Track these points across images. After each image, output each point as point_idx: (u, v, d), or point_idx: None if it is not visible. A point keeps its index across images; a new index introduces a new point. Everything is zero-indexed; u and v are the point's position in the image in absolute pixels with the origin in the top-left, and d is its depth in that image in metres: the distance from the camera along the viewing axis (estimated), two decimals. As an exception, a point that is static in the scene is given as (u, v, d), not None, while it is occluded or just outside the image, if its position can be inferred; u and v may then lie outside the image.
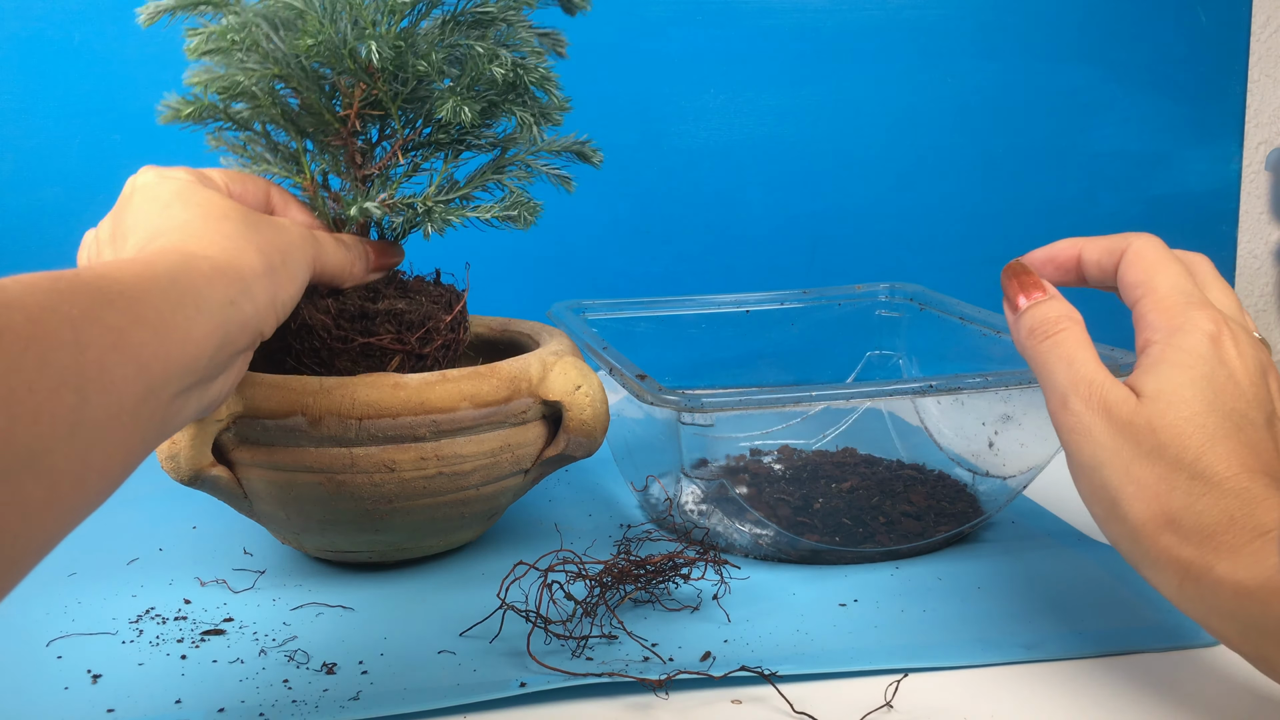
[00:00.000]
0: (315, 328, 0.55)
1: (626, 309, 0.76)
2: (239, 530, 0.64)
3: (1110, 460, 0.43)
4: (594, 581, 0.52)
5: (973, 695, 0.46)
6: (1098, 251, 0.50)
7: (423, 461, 0.53)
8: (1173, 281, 0.46)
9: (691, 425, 0.55)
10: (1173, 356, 0.44)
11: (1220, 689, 0.47)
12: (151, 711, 0.45)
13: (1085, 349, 0.46)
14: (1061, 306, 0.48)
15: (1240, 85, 1.03)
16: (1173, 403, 0.42)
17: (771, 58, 0.97)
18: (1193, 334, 0.44)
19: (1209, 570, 0.40)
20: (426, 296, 0.58)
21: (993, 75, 0.99)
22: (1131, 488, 0.42)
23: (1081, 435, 0.44)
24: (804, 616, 0.53)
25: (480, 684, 0.47)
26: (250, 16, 0.54)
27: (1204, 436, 0.42)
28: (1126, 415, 0.43)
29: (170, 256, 0.42)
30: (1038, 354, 0.47)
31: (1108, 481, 0.43)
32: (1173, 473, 0.42)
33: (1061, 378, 0.45)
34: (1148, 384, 0.44)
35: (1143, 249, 0.48)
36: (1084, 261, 0.50)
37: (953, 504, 0.63)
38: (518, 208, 0.58)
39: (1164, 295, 0.46)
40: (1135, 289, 0.47)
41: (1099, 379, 0.45)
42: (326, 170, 0.59)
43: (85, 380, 0.34)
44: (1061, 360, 0.46)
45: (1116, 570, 0.58)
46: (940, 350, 0.75)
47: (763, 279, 0.99)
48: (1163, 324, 0.45)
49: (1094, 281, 0.51)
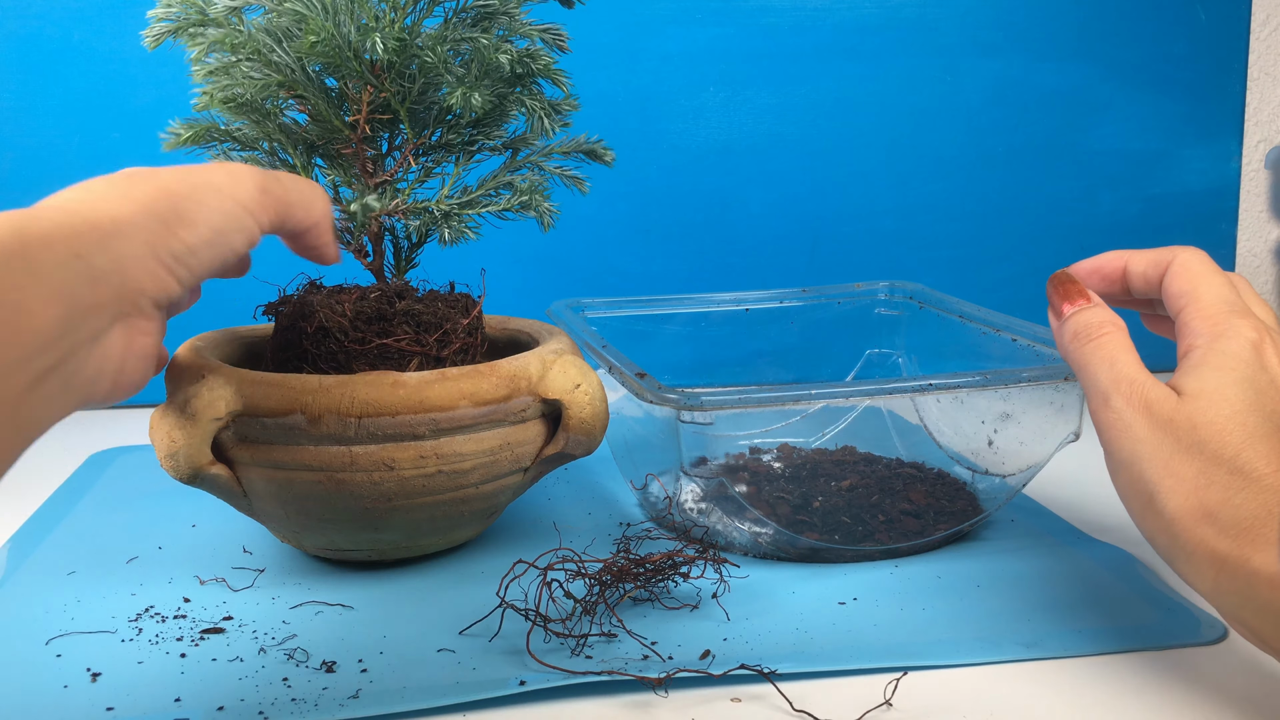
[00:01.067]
0: (332, 330, 0.55)
1: (626, 307, 0.76)
2: (238, 529, 0.64)
3: (1150, 455, 0.44)
4: (593, 580, 0.52)
5: (972, 693, 0.46)
6: (1144, 263, 0.51)
7: (422, 460, 0.53)
8: (1216, 292, 0.47)
9: (691, 423, 0.55)
10: (1214, 360, 0.45)
11: (1219, 686, 0.47)
12: (151, 710, 0.45)
13: (1127, 352, 0.47)
14: (1105, 313, 0.49)
15: (1240, 83, 1.03)
16: (1214, 401, 0.43)
17: (770, 56, 0.97)
18: (1235, 339, 0.45)
19: (1245, 563, 0.41)
20: (443, 302, 0.59)
21: (992, 74, 0.99)
22: (1170, 481, 0.43)
23: (1121, 431, 0.45)
24: (803, 615, 0.53)
25: (480, 682, 0.47)
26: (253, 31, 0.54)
27: (1244, 434, 0.42)
28: (1167, 412, 0.44)
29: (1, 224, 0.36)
30: (1080, 356, 0.48)
31: (1146, 475, 0.44)
32: (1212, 467, 0.42)
33: (1104, 377, 0.46)
34: (1189, 383, 0.44)
35: (1189, 261, 0.49)
36: (1130, 273, 0.51)
37: (952, 502, 0.63)
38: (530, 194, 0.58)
39: (1208, 304, 0.47)
40: (1180, 298, 0.48)
41: (1140, 378, 0.45)
42: (337, 183, 0.59)
43: None
44: (1104, 361, 0.47)
45: (1116, 568, 0.58)
46: (939, 349, 0.75)
47: (762, 277, 0.99)
48: (1206, 330, 0.46)
49: (1139, 293, 0.52)
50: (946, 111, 1.00)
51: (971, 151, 1.01)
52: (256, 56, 0.54)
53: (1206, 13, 1.01)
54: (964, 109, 1.00)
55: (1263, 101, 1.03)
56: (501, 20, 0.58)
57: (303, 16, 0.53)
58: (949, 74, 0.99)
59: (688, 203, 0.98)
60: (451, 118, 0.59)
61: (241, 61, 0.55)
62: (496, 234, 0.61)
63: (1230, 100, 1.03)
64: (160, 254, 0.40)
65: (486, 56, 0.55)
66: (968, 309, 0.71)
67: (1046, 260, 1.02)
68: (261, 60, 0.54)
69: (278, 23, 0.54)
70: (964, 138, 1.00)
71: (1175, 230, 1.04)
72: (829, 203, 1.00)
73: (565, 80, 0.59)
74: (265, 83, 0.55)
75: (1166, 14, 1.00)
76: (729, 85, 0.97)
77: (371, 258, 0.60)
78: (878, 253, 1.01)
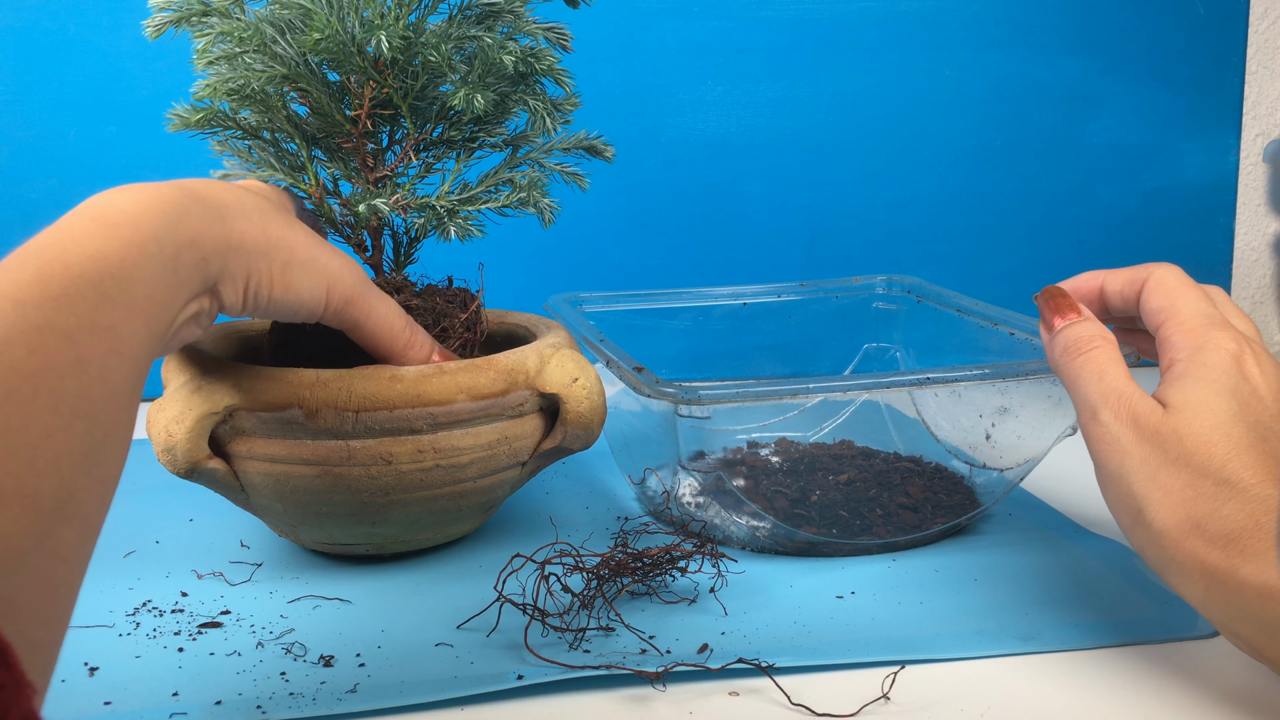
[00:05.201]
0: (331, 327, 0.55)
1: (624, 301, 0.76)
2: (236, 523, 0.64)
3: (1137, 468, 0.44)
4: (591, 574, 0.52)
5: (970, 687, 0.46)
6: (1120, 282, 0.51)
7: (419, 454, 0.53)
8: (1194, 306, 0.47)
9: (689, 418, 0.55)
10: (1197, 372, 0.45)
11: (1215, 680, 0.47)
12: (148, 704, 0.45)
13: (1116, 365, 0.47)
14: (1095, 327, 0.49)
15: (1238, 77, 1.03)
16: (1199, 412, 0.43)
17: (769, 49, 0.97)
18: (1216, 351, 0.45)
19: (1234, 574, 0.41)
20: (441, 297, 0.58)
21: (990, 67, 0.99)
22: (1158, 494, 0.43)
23: (1109, 445, 0.45)
24: (801, 608, 0.53)
25: (477, 676, 0.47)
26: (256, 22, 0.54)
27: (1230, 445, 0.42)
28: (1154, 424, 0.44)
29: (159, 211, 0.40)
30: (1070, 369, 0.48)
31: (1134, 488, 0.44)
32: (1198, 479, 0.42)
33: (1092, 391, 0.46)
34: (1174, 395, 0.44)
35: (1164, 277, 0.49)
36: (1106, 292, 0.52)
37: (950, 496, 0.63)
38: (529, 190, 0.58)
39: (1187, 318, 0.47)
40: (1158, 314, 0.48)
41: (1128, 391, 0.45)
42: (337, 176, 0.59)
43: (91, 403, 0.33)
44: (1093, 375, 0.47)
45: (1113, 562, 0.58)
46: (937, 342, 0.75)
47: (760, 271, 0.99)
48: (1186, 343, 0.46)
49: (1117, 311, 0.52)
50: (945, 105, 0.99)
51: (970, 145, 1.01)
52: (261, 48, 0.54)
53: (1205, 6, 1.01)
54: (962, 103, 1.00)
55: (1261, 95, 1.03)
56: (506, 18, 0.57)
57: (307, 11, 0.53)
58: (947, 68, 0.99)
59: (686, 197, 0.98)
60: (453, 114, 0.59)
61: (246, 53, 0.54)
62: (494, 228, 0.61)
63: (1228, 94, 1.03)
64: (254, 288, 0.45)
65: (490, 56, 0.55)
66: (965, 303, 0.71)
67: (1045, 254, 1.02)
68: (266, 52, 0.54)
69: (281, 14, 0.54)
70: (962, 131, 1.00)
71: (1173, 224, 1.04)
72: (827, 197, 1.00)
73: (569, 80, 0.59)
74: (270, 75, 0.54)
75: (1165, 7, 1.00)
76: (727, 79, 0.97)
77: (370, 252, 0.60)
78: (875, 247, 1.01)
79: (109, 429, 0.34)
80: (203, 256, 0.41)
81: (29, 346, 0.32)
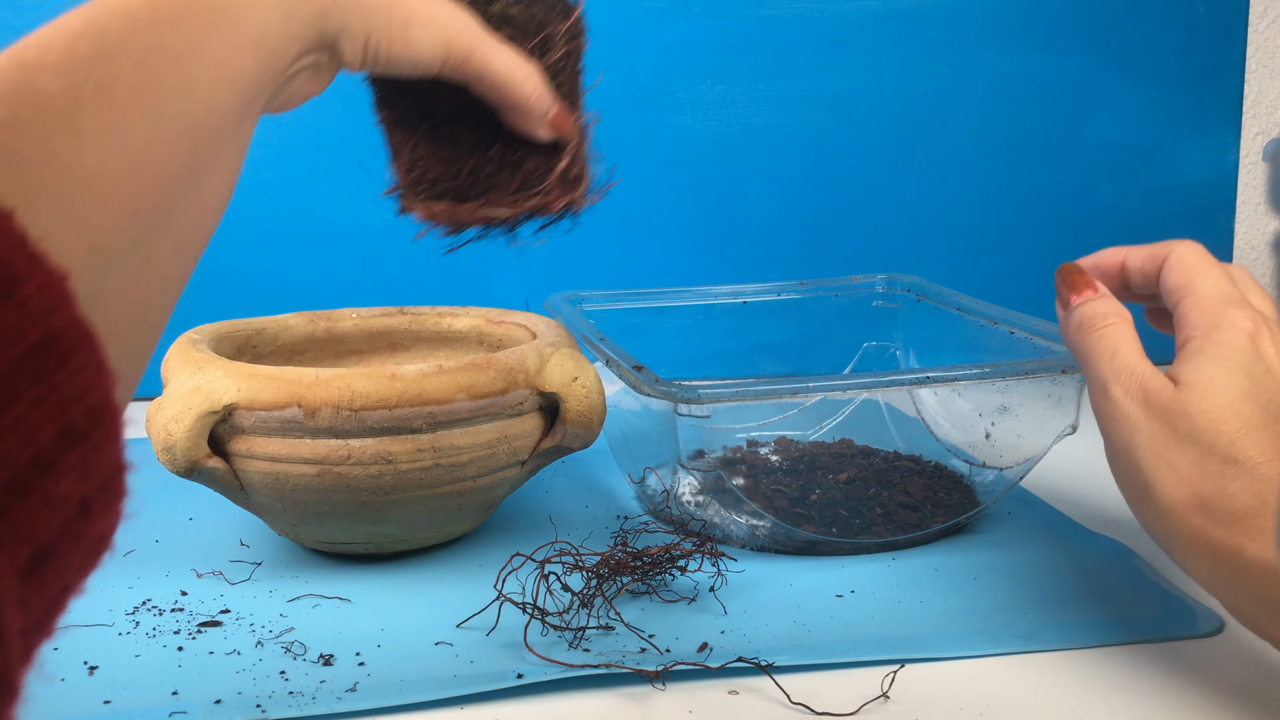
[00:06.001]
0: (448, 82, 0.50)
1: (623, 300, 0.76)
2: (235, 522, 0.64)
3: (1145, 444, 0.44)
4: (591, 573, 0.52)
5: (969, 686, 0.46)
6: (1141, 258, 0.51)
7: (419, 453, 0.53)
8: (1213, 284, 0.47)
9: (688, 417, 0.55)
10: (1210, 350, 0.45)
11: (1215, 679, 0.47)
12: (148, 703, 0.45)
13: (1130, 342, 0.47)
14: (1111, 304, 0.49)
15: (1238, 76, 1.03)
16: (1209, 390, 0.43)
17: (768, 48, 0.97)
18: (1231, 330, 0.45)
19: (1239, 552, 0.41)
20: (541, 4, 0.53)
21: (990, 65, 0.99)
22: (1165, 471, 0.43)
23: (1119, 421, 0.45)
24: (800, 607, 0.53)
25: (477, 675, 0.47)
26: None
27: (1239, 423, 0.42)
28: (1164, 401, 0.44)
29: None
30: (1084, 345, 0.48)
31: (1141, 465, 0.44)
32: (1206, 457, 0.42)
33: (1104, 367, 0.46)
34: (1185, 373, 0.44)
35: (1185, 254, 0.49)
36: (1128, 268, 0.51)
37: (949, 495, 0.63)
38: None
39: (1204, 296, 0.47)
40: (1177, 291, 0.48)
41: (1140, 368, 0.45)
42: None
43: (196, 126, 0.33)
44: (1106, 351, 0.47)
45: (1113, 561, 0.58)
46: (937, 341, 0.75)
47: (760, 270, 0.99)
48: (1202, 321, 0.46)
49: (1138, 288, 0.52)
50: (944, 104, 0.99)
51: (969, 144, 1.00)
52: None
53: (1205, 5, 1.01)
54: (962, 101, 1.00)
55: (1261, 94, 1.03)
56: None
57: None
58: (947, 66, 0.99)
59: (685, 195, 0.98)
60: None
61: None
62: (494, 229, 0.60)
63: (1228, 92, 1.03)
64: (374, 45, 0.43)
65: None
66: (965, 302, 0.71)
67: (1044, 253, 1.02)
68: None
69: None
70: (962, 130, 1.00)
71: (1173, 222, 1.04)
72: (826, 195, 1.00)
73: None
74: None
75: (1165, 6, 1.00)
76: (727, 78, 0.97)
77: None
78: (875, 245, 1.01)
79: (213, 157, 0.35)
80: (320, 9, 0.40)
81: (136, 61, 0.32)
